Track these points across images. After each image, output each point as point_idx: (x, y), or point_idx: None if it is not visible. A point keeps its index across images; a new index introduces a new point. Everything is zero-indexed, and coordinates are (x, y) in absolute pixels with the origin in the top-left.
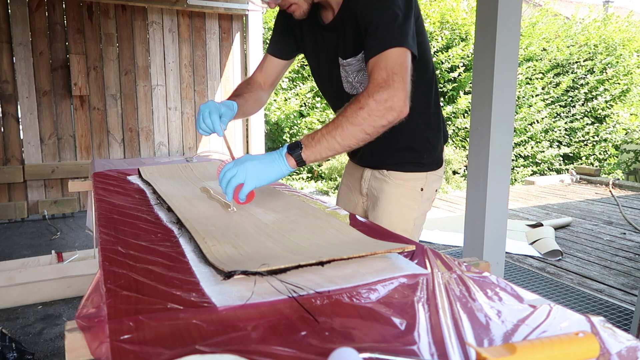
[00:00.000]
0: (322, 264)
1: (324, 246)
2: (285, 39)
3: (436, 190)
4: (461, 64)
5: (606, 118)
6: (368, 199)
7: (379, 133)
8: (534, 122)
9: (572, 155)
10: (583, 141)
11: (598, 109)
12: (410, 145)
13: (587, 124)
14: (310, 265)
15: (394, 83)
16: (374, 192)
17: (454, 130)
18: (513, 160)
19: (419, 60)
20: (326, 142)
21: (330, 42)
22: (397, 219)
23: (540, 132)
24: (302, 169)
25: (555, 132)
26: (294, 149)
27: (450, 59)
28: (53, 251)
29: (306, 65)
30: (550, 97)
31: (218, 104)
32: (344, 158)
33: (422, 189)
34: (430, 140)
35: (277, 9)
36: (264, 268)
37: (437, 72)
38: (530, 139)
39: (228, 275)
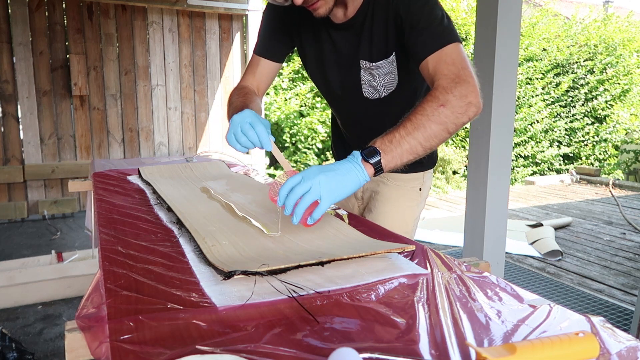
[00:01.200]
0: (322, 264)
1: (324, 246)
2: (280, 39)
3: (429, 188)
4: None
5: (606, 118)
6: (363, 202)
7: (457, 131)
8: (534, 122)
9: (572, 155)
10: (583, 141)
11: (598, 109)
12: None
13: (587, 124)
14: (310, 265)
15: (467, 78)
16: (369, 194)
17: None
18: (513, 160)
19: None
20: (407, 144)
21: (345, 42)
22: (398, 221)
23: (541, 132)
24: (302, 169)
25: (555, 132)
26: (372, 155)
27: None
28: (53, 251)
29: None
30: (550, 97)
31: (256, 114)
32: None
33: (420, 189)
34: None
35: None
36: (264, 268)
37: None
38: (530, 139)
39: (228, 275)
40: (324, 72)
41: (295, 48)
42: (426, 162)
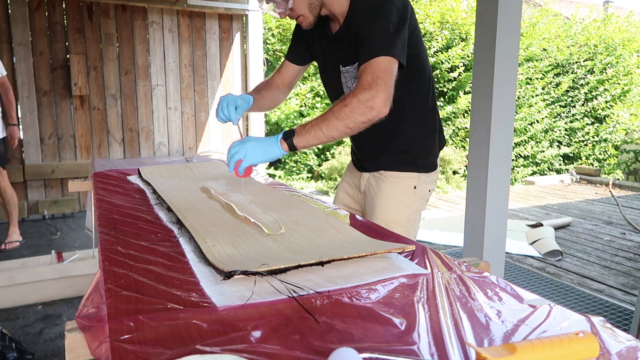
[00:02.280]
0: (322, 264)
1: (324, 246)
2: (300, 46)
3: (429, 191)
4: (461, 64)
5: (606, 118)
6: (365, 196)
7: (359, 129)
8: (534, 122)
9: (572, 155)
10: (583, 141)
11: (598, 109)
12: (407, 149)
13: (587, 124)
14: (310, 265)
15: (376, 86)
16: (371, 189)
17: (453, 130)
18: (513, 160)
19: (416, 69)
20: (314, 132)
21: (334, 51)
22: (392, 213)
23: (541, 132)
24: (302, 169)
25: (555, 132)
26: (289, 135)
27: (450, 59)
28: (53, 251)
29: None
30: (550, 97)
31: (235, 97)
32: (344, 159)
33: (415, 187)
34: (426, 145)
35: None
36: (264, 268)
37: (437, 72)
38: (530, 139)
39: (228, 275)
40: (325, 74)
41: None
42: (421, 165)
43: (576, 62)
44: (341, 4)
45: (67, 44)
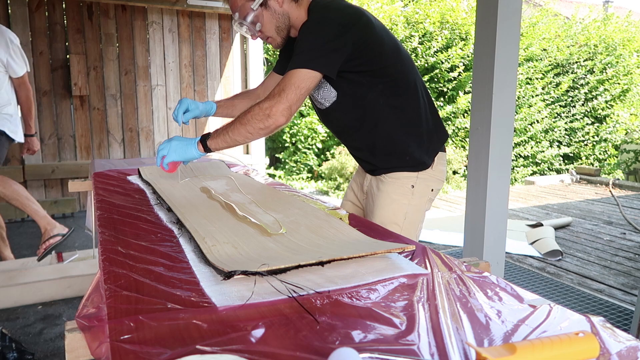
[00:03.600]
0: (322, 264)
1: (324, 246)
2: (285, 59)
3: (432, 190)
4: (461, 64)
5: (606, 118)
6: (367, 197)
7: (259, 135)
8: (534, 122)
9: (572, 155)
10: (583, 141)
11: (598, 109)
12: (393, 149)
13: (587, 124)
14: (310, 265)
15: (278, 96)
16: (372, 190)
17: (453, 130)
18: (513, 160)
19: (395, 79)
20: (222, 136)
21: None
22: (387, 212)
23: (541, 132)
24: (302, 169)
25: (555, 132)
26: (205, 138)
27: (450, 58)
28: (53, 251)
29: None
30: (550, 97)
31: (190, 101)
32: (344, 159)
33: (412, 186)
34: (412, 144)
35: None
36: (264, 268)
37: (437, 71)
38: (530, 139)
39: (228, 275)
40: None
41: None
42: (412, 163)
43: (576, 62)
44: (302, 19)
45: (67, 44)
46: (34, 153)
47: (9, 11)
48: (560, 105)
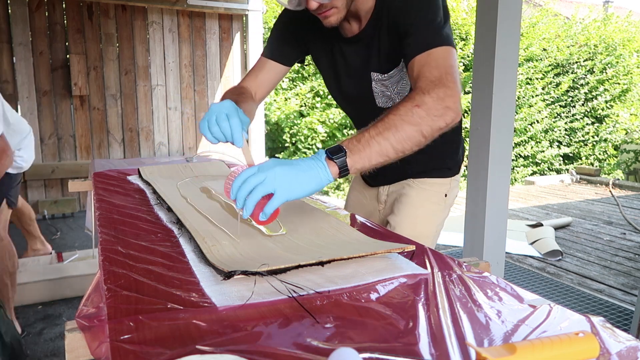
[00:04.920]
0: (322, 264)
1: (324, 246)
2: (292, 43)
3: (455, 197)
4: (461, 64)
5: (606, 118)
6: (386, 205)
7: (433, 137)
8: (534, 122)
9: (572, 155)
10: (583, 141)
11: (598, 109)
12: (436, 150)
13: (587, 124)
14: (310, 265)
15: (448, 82)
16: (394, 197)
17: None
18: (513, 160)
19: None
20: (377, 145)
21: (355, 56)
22: (422, 224)
23: (541, 132)
24: None
25: (555, 132)
26: (337, 153)
27: None
28: (53, 251)
29: (306, 65)
30: (550, 97)
31: (236, 107)
32: None
33: (445, 195)
34: (455, 145)
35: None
36: (264, 268)
37: None
38: (530, 139)
39: (228, 275)
40: (338, 83)
41: (310, 56)
42: (453, 167)
43: (576, 62)
44: (368, 0)
45: (67, 44)
46: None
47: (9, 11)
48: (560, 105)
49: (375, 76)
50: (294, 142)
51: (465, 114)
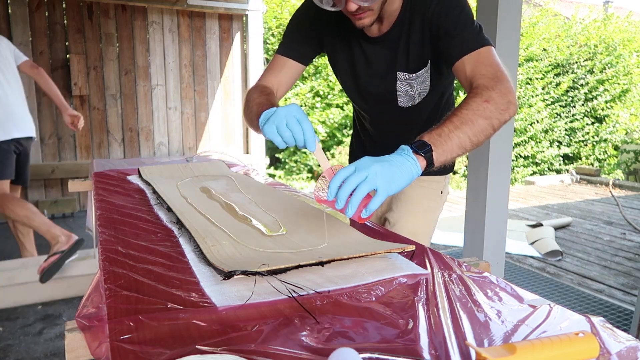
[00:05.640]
0: (322, 264)
1: (324, 246)
2: (309, 42)
3: (448, 194)
4: None
5: (606, 118)
6: (384, 202)
7: (496, 131)
8: (534, 122)
9: (572, 155)
10: (583, 141)
11: (598, 109)
12: None
13: (587, 124)
14: (310, 265)
15: (504, 78)
16: (395, 197)
17: None
18: (513, 160)
19: (444, 74)
20: (457, 138)
21: (379, 55)
22: (422, 221)
23: (541, 132)
24: (302, 169)
25: (555, 132)
26: (423, 148)
27: None
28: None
29: None
30: (550, 97)
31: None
32: (344, 159)
33: (441, 192)
34: None
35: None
36: (264, 268)
37: None
38: (530, 139)
39: (228, 275)
40: (356, 82)
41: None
42: (448, 166)
43: (576, 62)
44: (394, 2)
45: (67, 44)
46: (75, 128)
47: (9, 11)
48: (560, 105)
49: (402, 75)
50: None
51: None
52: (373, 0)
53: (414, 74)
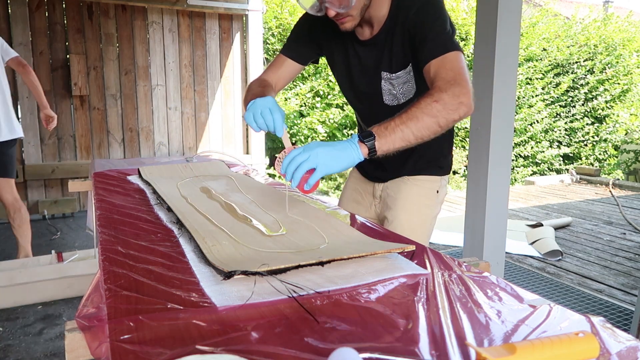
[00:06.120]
0: (322, 264)
1: (324, 246)
2: (308, 44)
3: (445, 195)
4: None
5: (606, 118)
6: (381, 200)
7: (448, 127)
8: (534, 122)
9: (572, 155)
10: (583, 141)
11: (598, 109)
12: (430, 150)
13: (587, 124)
14: (310, 265)
15: (461, 81)
16: (390, 192)
17: (454, 130)
18: (513, 160)
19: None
20: (400, 132)
21: (369, 57)
22: (418, 219)
23: (540, 132)
24: None
25: (555, 132)
26: (367, 137)
27: None
28: (53, 251)
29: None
30: (550, 97)
31: (276, 102)
32: None
33: (437, 192)
34: (445, 145)
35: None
36: (264, 268)
37: None
38: (530, 139)
39: (228, 275)
40: (351, 82)
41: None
42: (444, 167)
43: (576, 62)
44: (382, 8)
45: (67, 44)
46: (50, 126)
47: (9, 11)
48: (560, 105)
49: (385, 75)
50: (294, 142)
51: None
52: (347, 7)
53: (394, 74)
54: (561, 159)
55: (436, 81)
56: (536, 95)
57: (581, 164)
